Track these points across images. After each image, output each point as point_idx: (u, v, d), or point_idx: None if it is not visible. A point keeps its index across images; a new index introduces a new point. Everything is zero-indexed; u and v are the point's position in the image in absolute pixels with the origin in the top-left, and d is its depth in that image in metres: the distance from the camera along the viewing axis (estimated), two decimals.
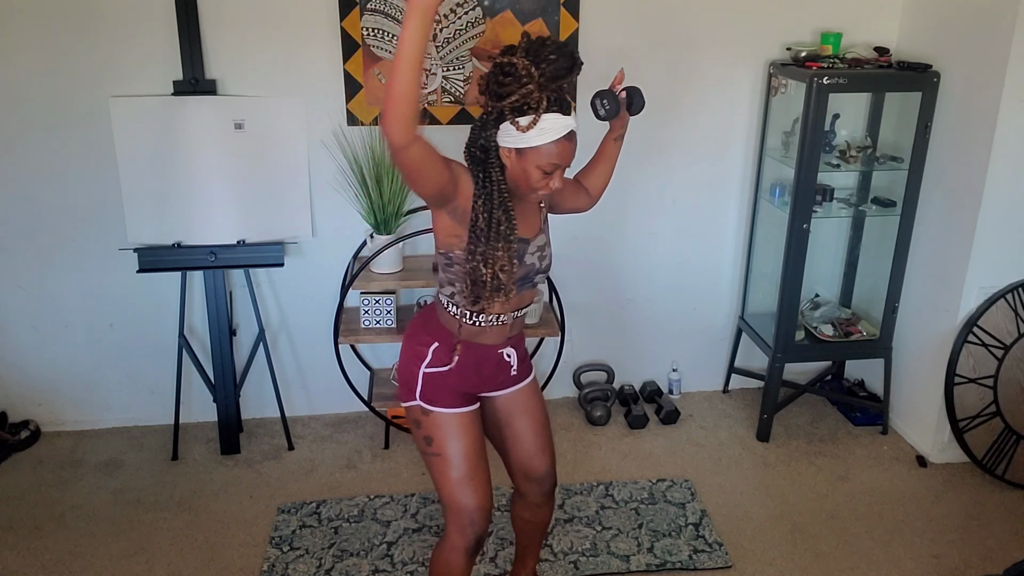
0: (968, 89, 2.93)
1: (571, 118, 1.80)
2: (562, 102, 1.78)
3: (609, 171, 2.26)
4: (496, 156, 1.83)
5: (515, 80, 1.72)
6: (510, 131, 1.77)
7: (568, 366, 3.61)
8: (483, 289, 1.85)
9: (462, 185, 1.83)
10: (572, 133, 1.81)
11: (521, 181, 1.83)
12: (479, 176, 1.84)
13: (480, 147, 1.83)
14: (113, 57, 2.95)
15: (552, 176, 1.82)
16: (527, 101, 1.73)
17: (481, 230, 1.82)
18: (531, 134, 1.76)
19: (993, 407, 3.05)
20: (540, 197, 1.89)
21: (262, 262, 3.13)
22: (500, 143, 1.81)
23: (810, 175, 3.05)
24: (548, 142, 1.77)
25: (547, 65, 1.72)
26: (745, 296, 3.59)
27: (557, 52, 1.73)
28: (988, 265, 2.99)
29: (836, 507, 2.97)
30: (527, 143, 1.77)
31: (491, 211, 1.82)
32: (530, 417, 2.14)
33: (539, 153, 1.78)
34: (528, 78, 1.71)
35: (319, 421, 3.51)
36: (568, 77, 1.76)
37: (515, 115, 1.76)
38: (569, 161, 1.83)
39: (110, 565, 2.68)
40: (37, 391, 3.36)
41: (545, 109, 1.74)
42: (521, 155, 1.79)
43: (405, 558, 2.70)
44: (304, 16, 2.99)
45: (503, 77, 1.74)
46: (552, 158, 1.79)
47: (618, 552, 2.73)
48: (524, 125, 1.75)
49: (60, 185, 3.09)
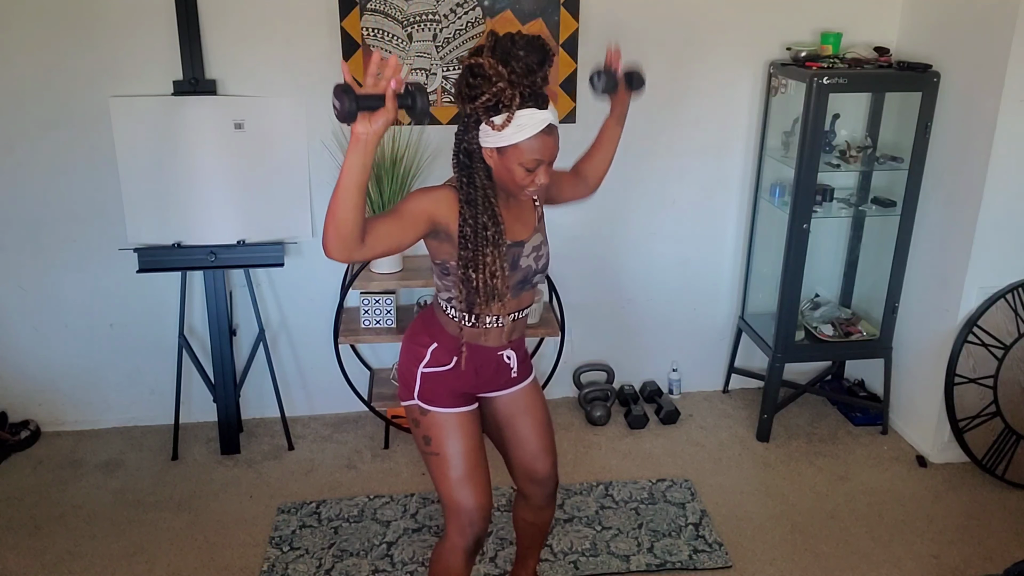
0: (968, 89, 2.93)
1: (548, 112, 1.76)
2: (537, 96, 1.75)
3: (609, 155, 2.21)
4: (481, 159, 1.81)
5: (485, 80, 1.70)
6: (488, 131, 1.76)
7: (568, 366, 3.61)
8: (476, 295, 1.84)
9: (440, 216, 1.80)
10: (551, 127, 1.78)
11: (507, 180, 1.82)
12: (463, 182, 1.82)
13: (464, 151, 1.82)
14: (113, 57, 2.95)
15: (536, 172, 1.80)
16: (499, 99, 1.71)
17: (468, 236, 1.81)
18: (507, 132, 1.74)
19: (993, 407, 3.05)
20: (530, 195, 1.87)
21: (262, 262, 3.13)
22: (482, 144, 1.80)
23: (810, 175, 3.05)
24: (526, 138, 1.75)
25: (516, 62, 1.70)
26: (745, 296, 3.59)
27: (526, 48, 1.70)
28: (988, 265, 2.99)
29: (836, 507, 2.97)
30: (505, 141, 1.75)
31: (476, 216, 1.80)
32: (532, 418, 2.14)
33: (519, 150, 1.76)
34: (497, 76, 1.69)
35: (319, 421, 3.51)
36: (540, 71, 1.73)
37: (490, 115, 1.74)
38: (551, 155, 1.81)
39: (110, 565, 2.68)
40: (37, 391, 3.37)
41: (519, 105, 1.72)
42: (502, 154, 1.78)
43: (405, 558, 2.70)
44: (304, 16, 2.99)
45: (472, 79, 1.72)
46: (533, 154, 1.77)
47: (618, 552, 2.73)
48: (499, 124, 1.73)
49: (60, 185, 3.09)
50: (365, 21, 2.98)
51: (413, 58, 3.04)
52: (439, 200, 1.81)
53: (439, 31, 3.04)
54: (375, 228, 1.67)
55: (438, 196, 1.82)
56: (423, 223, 1.77)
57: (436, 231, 1.81)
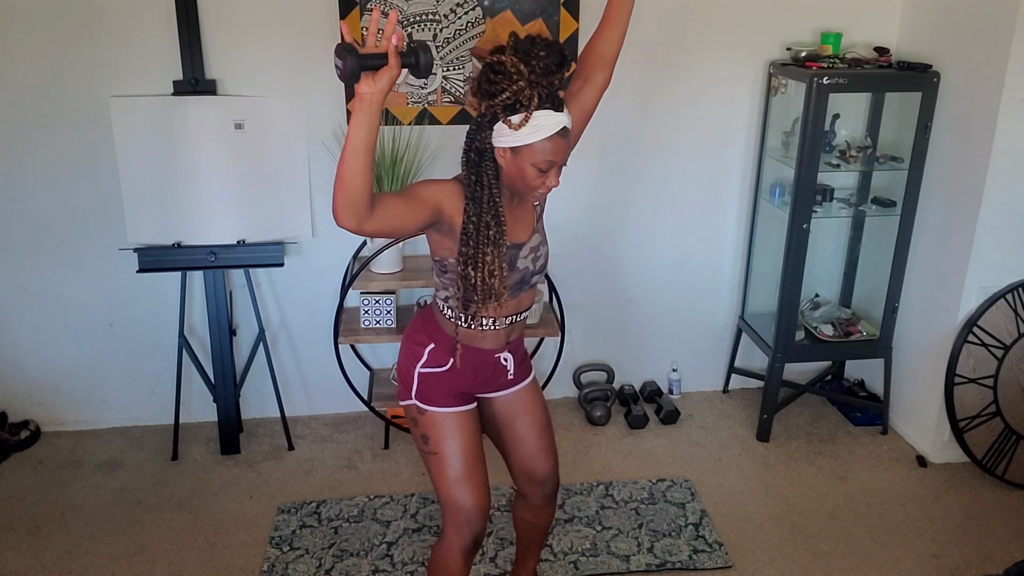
0: (968, 89, 2.93)
1: (564, 114, 1.79)
2: (554, 98, 1.77)
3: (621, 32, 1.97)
4: (491, 159, 1.82)
5: (505, 78, 1.72)
6: (503, 131, 1.77)
7: (568, 366, 3.61)
8: (473, 293, 1.85)
9: (446, 206, 1.81)
10: (565, 130, 1.80)
11: (518, 181, 1.83)
12: (471, 180, 1.83)
13: (476, 150, 1.83)
14: (113, 57, 2.95)
15: (548, 174, 1.82)
16: (518, 98, 1.73)
17: (471, 233, 1.81)
18: (524, 131, 1.75)
19: (993, 407, 3.05)
20: (539, 197, 1.88)
21: (262, 262, 3.13)
22: (495, 143, 1.80)
23: (810, 175, 3.05)
24: (541, 139, 1.76)
25: (536, 62, 1.71)
26: (745, 296, 3.59)
27: (546, 49, 1.72)
28: (988, 265, 2.99)
29: (836, 507, 2.97)
30: (521, 141, 1.76)
31: (480, 215, 1.81)
32: (531, 418, 2.14)
33: (533, 151, 1.77)
34: (518, 75, 1.71)
35: (319, 421, 3.51)
36: (558, 73, 1.75)
37: (507, 113, 1.75)
38: (564, 158, 1.82)
39: (110, 565, 2.68)
40: (37, 391, 3.36)
41: (537, 106, 1.74)
42: (516, 154, 1.79)
43: (405, 558, 2.70)
44: (304, 16, 2.99)
45: (493, 75, 1.74)
46: (547, 155, 1.78)
47: (618, 552, 2.73)
48: (516, 123, 1.74)
49: (60, 185, 3.09)
50: (365, 21, 2.98)
51: None
52: (447, 191, 1.83)
53: (439, 31, 3.04)
54: (384, 201, 1.68)
55: (446, 187, 1.84)
56: (430, 209, 1.78)
57: (440, 222, 1.82)
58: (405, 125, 3.11)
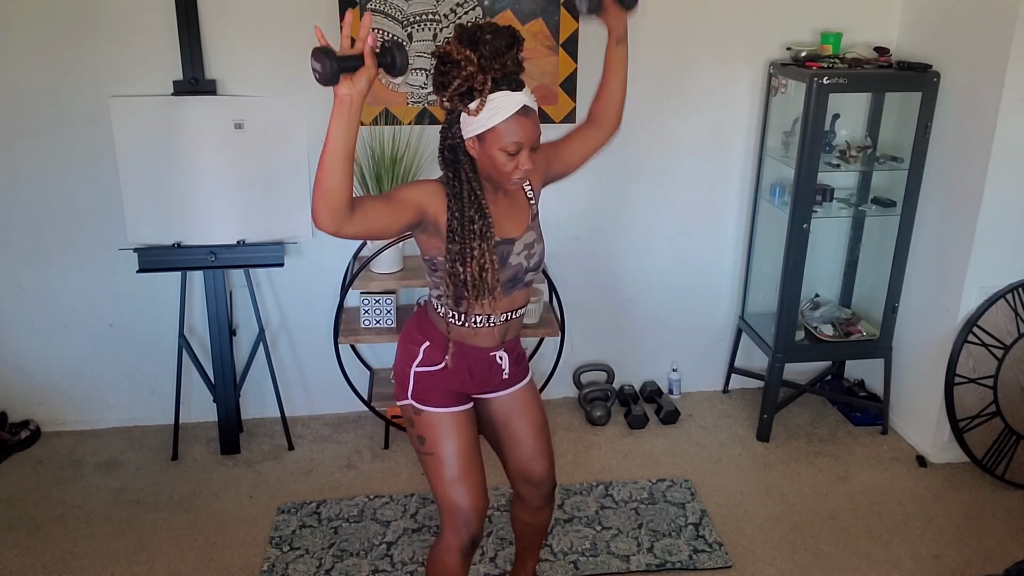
0: (968, 89, 2.93)
1: (522, 94, 1.77)
2: (511, 80, 1.76)
3: (621, 81, 2.09)
4: (464, 152, 1.83)
5: (454, 66, 1.72)
6: (467, 120, 1.78)
7: (568, 366, 3.61)
8: (464, 289, 1.84)
9: (429, 206, 1.81)
10: (527, 108, 1.78)
11: (492, 170, 1.82)
12: (449, 177, 1.84)
13: (448, 147, 1.84)
14: (113, 57, 2.95)
15: (518, 157, 1.80)
16: (471, 84, 1.72)
17: (455, 230, 1.82)
18: (483, 115, 1.75)
19: (993, 407, 3.05)
20: (518, 183, 1.86)
21: (262, 262, 3.13)
22: (464, 136, 1.81)
23: (810, 175, 3.05)
24: (502, 120, 1.75)
25: (483, 46, 1.71)
26: (745, 296, 3.59)
27: (493, 32, 1.73)
28: (988, 265, 2.99)
29: (836, 507, 2.97)
30: (483, 126, 1.76)
31: (463, 211, 1.81)
32: (528, 419, 2.14)
33: (497, 134, 1.77)
34: (466, 60, 1.71)
35: (319, 421, 3.51)
36: (509, 53, 1.74)
37: (465, 101, 1.75)
38: (531, 138, 1.80)
39: (110, 565, 2.68)
40: (37, 391, 3.37)
41: (492, 89, 1.73)
42: (482, 141, 1.79)
43: (405, 558, 2.70)
44: (304, 16, 2.99)
45: (443, 66, 1.74)
46: (512, 136, 1.77)
47: (618, 552, 2.73)
48: (474, 108, 1.74)
49: (60, 185, 3.09)
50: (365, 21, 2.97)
51: (413, 58, 3.04)
52: (429, 192, 1.83)
53: (439, 31, 3.04)
54: (365, 204, 1.69)
55: (429, 188, 1.84)
56: (412, 211, 1.78)
57: (423, 223, 1.82)
58: (405, 125, 3.11)
